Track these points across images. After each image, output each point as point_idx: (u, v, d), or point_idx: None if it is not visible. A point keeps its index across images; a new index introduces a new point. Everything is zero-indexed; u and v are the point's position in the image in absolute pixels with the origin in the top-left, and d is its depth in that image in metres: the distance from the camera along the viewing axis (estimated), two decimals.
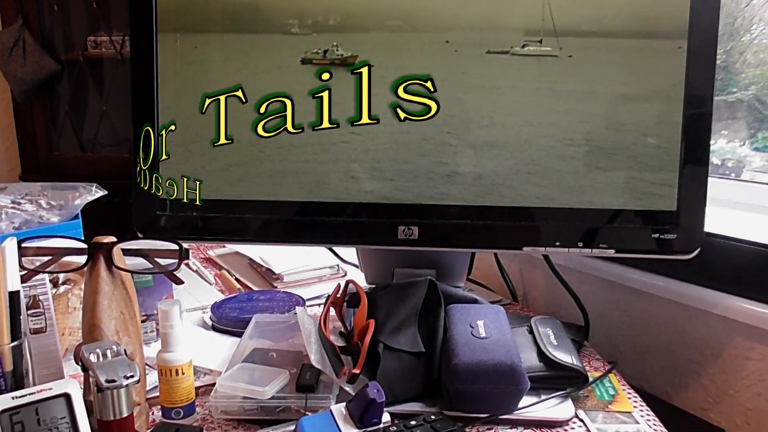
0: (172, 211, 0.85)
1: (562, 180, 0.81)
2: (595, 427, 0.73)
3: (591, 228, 0.80)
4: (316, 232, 0.84)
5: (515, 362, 0.72)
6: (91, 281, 0.69)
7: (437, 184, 0.82)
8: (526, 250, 0.80)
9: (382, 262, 0.96)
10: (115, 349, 0.61)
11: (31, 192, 1.23)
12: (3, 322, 0.64)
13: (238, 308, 1.03)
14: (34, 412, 0.63)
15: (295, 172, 0.84)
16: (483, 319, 0.81)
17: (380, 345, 0.76)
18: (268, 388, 0.73)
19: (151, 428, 0.69)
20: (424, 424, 0.70)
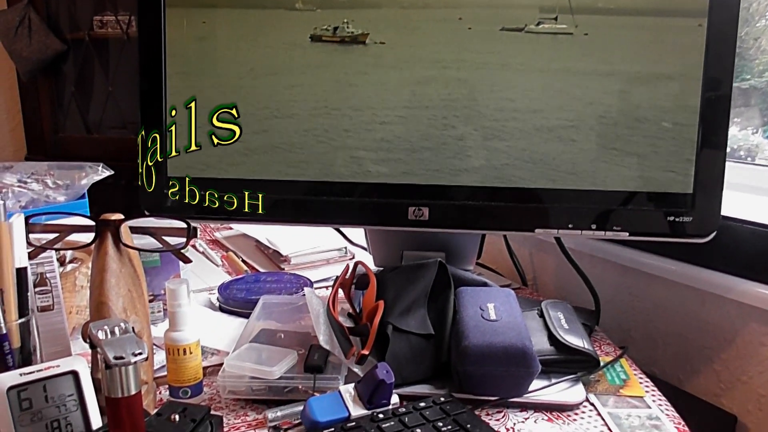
0: (180, 190, 0.84)
1: (575, 161, 0.79)
2: (607, 411, 0.73)
3: (604, 210, 0.78)
4: (325, 212, 0.83)
5: (526, 345, 0.71)
6: (98, 259, 0.68)
7: (448, 165, 0.81)
8: (538, 232, 0.79)
9: (391, 244, 0.95)
10: (123, 326, 0.60)
11: (37, 171, 1.22)
12: (11, 298, 0.63)
13: (246, 289, 1.02)
14: (41, 389, 0.63)
15: (305, 151, 0.83)
16: (493, 302, 0.80)
17: (389, 327, 0.75)
18: (276, 369, 0.73)
19: (158, 407, 0.68)
20: (433, 406, 0.69)
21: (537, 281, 1.19)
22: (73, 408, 0.64)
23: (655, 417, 0.72)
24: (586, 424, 0.71)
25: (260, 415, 0.72)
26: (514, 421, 0.71)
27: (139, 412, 0.61)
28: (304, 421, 0.67)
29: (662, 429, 0.69)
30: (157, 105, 0.84)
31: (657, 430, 0.69)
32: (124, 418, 0.60)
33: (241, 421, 0.72)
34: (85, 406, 0.65)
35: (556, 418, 0.72)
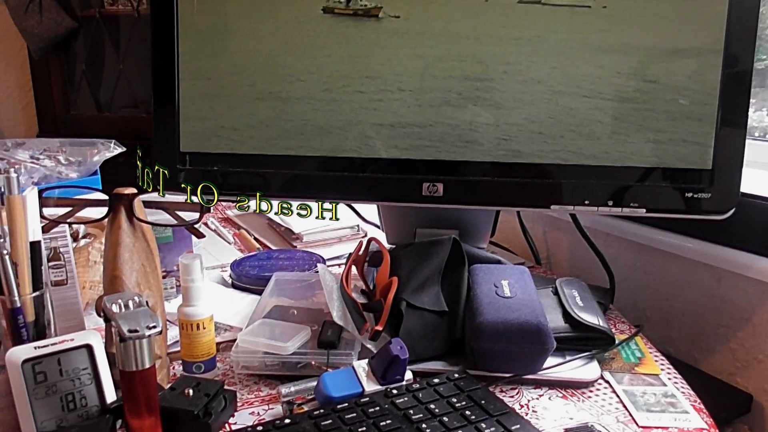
0: (193, 165, 0.84)
1: (592, 136, 0.78)
2: (622, 388, 0.72)
3: (621, 186, 0.77)
4: (338, 188, 0.83)
5: (541, 321, 0.71)
6: (112, 233, 0.68)
7: (462, 140, 0.80)
8: (554, 208, 0.78)
9: (404, 221, 0.95)
10: (138, 300, 0.60)
11: (49, 148, 1.22)
12: (25, 272, 0.63)
13: (258, 266, 1.02)
14: (56, 362, 0.63)
15: (318, 126, 0.82)
16: (507, 279, 0.80)
17: (403, 303, 0.75)
18: (290, 344, 0.72)
19: (172, 382, 0.68)
20: (447, 382, 0.69)
21: (551, 260, 1.18)
22: (87, 382, 0.64)
23: (671, 395, 0.71)
24: (601, 401, 0.70)
25: (273, 391, 0.72)
26: (529, 398, 0.71)
27: (153, 386, 0.61)
28: (318, 396, 0.67)
29: (678, 407, 0.69)
30: (169, 80, 0.83)
31: (673, 408, 0.68)
32: (138, 391, 0.61)
33: (255, 396, 0.72)
34: (99, 380, 0.65)
35: (570, 395, 0.71)
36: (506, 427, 0.61)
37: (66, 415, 0.63)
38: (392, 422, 0.61)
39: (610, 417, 0.67)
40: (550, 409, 0.69)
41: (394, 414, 0.63)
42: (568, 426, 0.65)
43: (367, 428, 0.60)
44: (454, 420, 0.62)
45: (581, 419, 0.67)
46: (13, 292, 0.63)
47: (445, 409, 0.64)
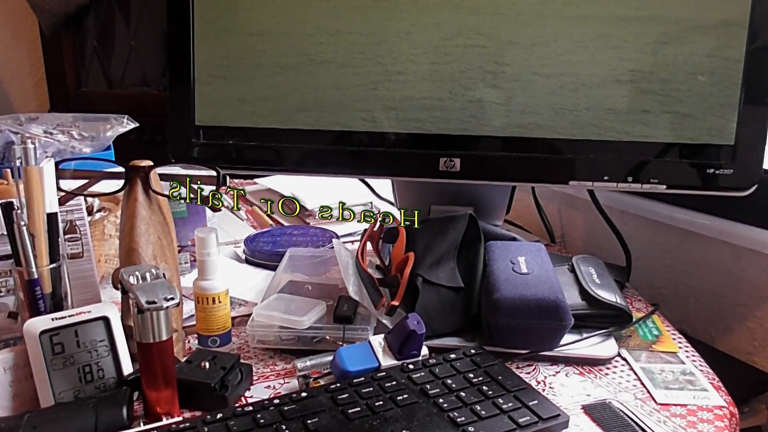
0: (207, 139, 0.83)
1: (611, 111, 0.77)
2: (639, 366, 0.72)
3: (641, 162, 0.76)
4: (354, 162, 0.82)
5: (559, 298, 0.70)
6: (128, 205, 0.67)
7: (479, 115, 0.79)
8: (572, 184, 0.77)
9: (419, 198, 0.94)
10: (155, 272, 0.60)
11: (62, 123, 1.22)
12: (42, 243, 0.63)
13: (272, 242, 1.02)
14: (73, 334, 0.63)
15: (334, 100, 0.81)
16: (524, 255, 0.79)
17: (419, 278, 0.75)
18: (306, 318, 0.72)
19: (187, 355, 0.68)
20: (464, 357, 0.68)
21: (565, 238, 1.17)
22: (104, 353, 0.65)
23: (689, 372, 0.70)
24: (619, 378, 0.70)
25: (289, 365, 0.72)
26: (545, 375, 0.70)
27: (170, 358, 0.61)
28: (334, 370, 0.67)
29: (696, 384, 0.68)
30: (184, 52, 0.82)
31: (691, 386, 0.68)
32: (155, 363, 0.61)
33: (270, 370, 0.72)
34: (116, 352, 0.65)
35: (587, 372, 0.71)
36: (524, 403, 0.61)
37: (83, 386, 0.63)
38: (409, 397, 0.61)
39: (627, 394, 0.67)
40: (567, 385, 0.68)
41: (410, 389, 0.63)
42: (586, 403, 0.65)
43: (383, 402, 0.60)
44: (471, 395, 0.62)
45: (599, 396, 0.66)
46: (31, 264, 0.63)
47: (462, 384, 0.64)
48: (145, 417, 0.62)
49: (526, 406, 0.60)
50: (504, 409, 0.60)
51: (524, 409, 0.60)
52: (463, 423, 0.58)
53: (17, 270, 0.63)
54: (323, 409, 0.59)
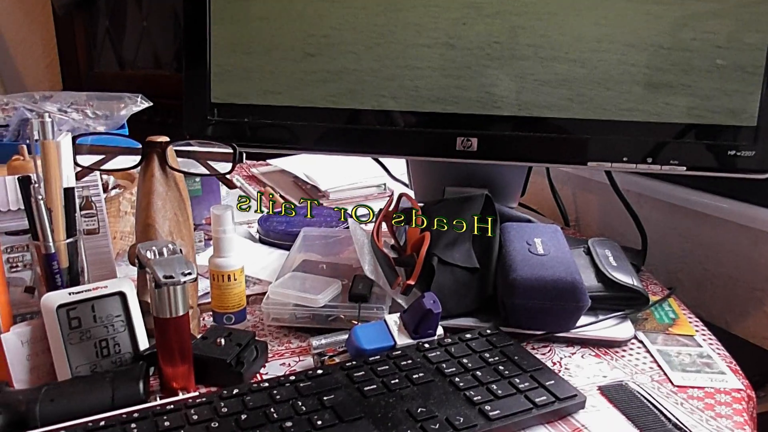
0: (222, 116, 0.83)
1: (632, 91, 0.76)
2: (656, 348, 0.71)
3: (661, 143, 0.75)
4: (370, 141, 0.81)
5: (576, 279, 0.70)
6: (145, 181, 0.67)
7: (499, 94, 0.78)
8: (591, 165, 0.76)
9: (434, 179, 0.93)
10: (171, 247, 0.60)
11: (77, 101, 1.22)
12: (59, 218, 0.63)
13: (286, 222, 1.01)
14: (90, 308, 0.63)
15: (352, 79, 0.80)
16: (540, 237, 0.78)
17: (434, 258, 0.74)
18: (321, 297, 0.72)
19: (202, 333, 0.68)
20: (479, 337, 0.68)
21: (580, 222, 1.16)
22: (120, 329, 0.65)
23: (706, 355, 0.70)
24: (635, 360, 0.69)
25: (304, 343, 0.72)
26: (561, 356, 0.70)
27: (186, 333, 0.61)
28: (350, 348, 0.67)
29: (714, 367, 0.68)
30: (201, 29, 0.82)
31: (709, 369, 0.67)
32: (171, 338, 0.61)
33: (285, 348, 0.72)
34: (132, 328, 0.65)
35: (603, 353, 0.70)
36: (540, 383, 0.61)
37: (100, 360, 0.64)
38: (425, 375, 0.61)
39: (644, 376, 0.66)
40: (583, 367, 0.68)
41: (426, 367, 0.63)
42: (602, 384, 0.65)
43: (399, 381, 0.60)
44: (488, 375, 0.62)
45: (615, 378, 0.66)
46: (48, 238, 0.63)
47: (478, 363, 0.63)
48: (161, 392, 0.62)
49: (543, 386, 0.60)
50: (520, 389, 0.60)
51: (541, 389, 0.60)
52: (479, 402, 0.58)
53: (34, 244, 0.64)
54: (339, 386, 0.59)
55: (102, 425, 0.53)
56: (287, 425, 0.54)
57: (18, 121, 1.07)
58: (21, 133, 1.07)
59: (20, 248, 0.71)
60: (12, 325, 0.64)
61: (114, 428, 0.53)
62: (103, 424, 0.53)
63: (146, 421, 0.54)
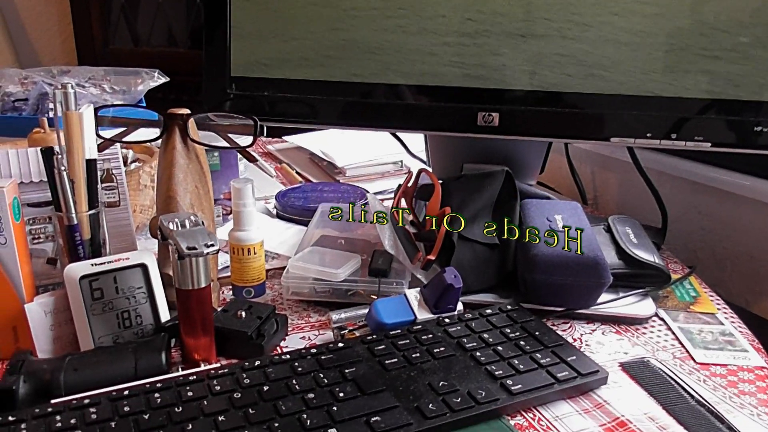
0: (242, 90, 0.82)
1: (654, 66, 0.74)
2: (677, 326, 0.71)
3: (685, 119, 0.74)
4: (390, 116, 0.80)
5: (598, 255, 0.69)
6: (166, 154, 0.67)
7: (521, 69, 0.77)
8: (614, 141, 0.75)
9: (452, 155, 0.93)
10: (194, 219, 0.60)
11: (94, 76, 1.22)
12: (81, 189, 0.63)
13: (303, 198, 1.01)
14: (112, 280, 0.63)
15: (372, 51, 0.79)
16: (561, 213, 0.78)
17: (454, 234, 0.74)
18: (341, 271, 0.72)
19: (222, 306, 0.69)
20: (500, 313, 0.68)
21: (598, 200, 1.15)
22: (142, 300, 0.65)
23: (729, 333, 0.69)
24: (656, 337, 0.69)
25: (323, 317, 0.72)
26: (581, 332, 0.70)
27: (208, 305, 0.62)
28: (370, 322, 0.67)
29: (737, 345, 0.67)
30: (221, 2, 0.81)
31: (731, 347, 0.67)
32: (194, 310, 0.61)
33: (305, 322, 0.72)
34: (154, 299, 0.65)
35: (624, 330, 0.70)
36: (562, 358, 0.60)
37: (122, 332, 0.64)
38: (446, 350, 0.61)
39: (666, 353, 0.66)
40: (604, 343, 0.68)
41: (447, 342, 0.63)
42: (623, 360, 0.64)
43: (420, 354, 0.60)
44: (509, 350, 0.62)
45: (636, 354, 0.66)
46: (71, 209, 0.63)
47: (499, 339, 0.63)
48: (182, 363, 0.63)
49: (565, 362, 0.60)
50: (542, 364, 0.59)
51: (562, 364, 0.60)
52: (501, 376, 0.58)
53: (57, 215, 0.64)
54: (360, 359, 0.59)
55: (126, 394, 0.54)
56: (309, 397, 0.54)
57: (37, 95, 1.07)
58: (40, 107, 1.07)
59: (42, 220, 0.71)
60: (35, 295, 0.64)
61: (138, 398, 0.53)
62: (127, 394, 0.54)
63: (169, 391, 0.54)
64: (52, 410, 0.51)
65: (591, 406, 0.57)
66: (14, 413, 0.51)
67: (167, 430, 0.50)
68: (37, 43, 2.45)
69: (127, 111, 0.71)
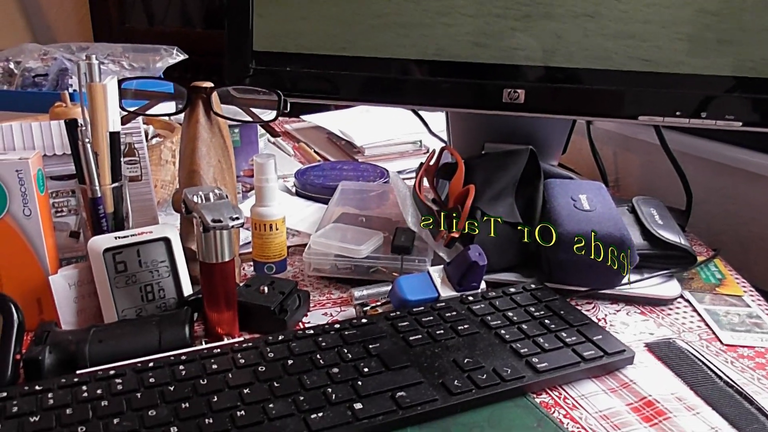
0: (264, 65, 0.81)
1: (684, 41, 0.73)
2: (703, 307, 0.70)
3: (716, 96, 0.72)
4: (414, 92, 0.79)
5: (625, 235, 0.68)
6: (189, 127, 0.67)
7: (548, 45, 0.76)
8: (641, 119, 0.74)
9: (473, 134, 0.92)
10: (218, 192, 0.59)
11: (113, 53, 1.21)
12: (105, 161, 0.63)
13: (323, 176, 1.01)
14: (135, 253, 0.63)
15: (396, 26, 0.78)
16: (585, 193, 0.77)
17: (478, 212, 0.73)
18: (363, 247, 0.72)
19: (244, 282, 0.68)
20: (524, 292, 0.67)
21: (619, 182, 1.14)
22: (165, 274, 0.65)
23: (756, 315, 0.68)
24: (682, 319, 0.68)
25: (345, 294, 0.72)
26: (605, 313, 0.69)
27: (231, 279, 0.62)
28: (393, 299, 0.66)
29: (764, 327, 0.66)
30: None
31: (758, 329, 0.66)
32: (217, 284, 0.61)
33: (326, 299, 0.72)
34: (177, 273, 0.65)
35: (649, 311, 0.69)
36: (588, 337, 0.60)
37: (145, 305, 0.64)
38: (470, 327, 0.61)
39: (692, 334, 0.65)
40: (629, 324, 0.67)
41: (471, 319, 0.62)
42: (649, 341, 0.64)
43: (444, 331, 0.60)
44: (534, 328, 0.61)
45: (662, 335, 0.65)
46: (94, 182, 0.63)
47: (524, 317, 0.63)
48: (205, 337, 0.63)
49: (590, 341, 0.59)
50: (567, 343, 0.59)
51: (588, 343, 0.59)
52: (526, 354, 0.57)
53: (81, 188, 0.64)
54: (384, 335, 0.59)
55: (151, 366, 0.54)
56: (334, 371, 0.54)
57: (57, 71, 1.07)
58: (60, 82, 1.06)
59: (65, 193, 0.71)
60: (59, 268, 0.64)
61: (162, 369, 0.53)
62: (152, 366, 0.54)
63: (194, 363, 0.54)
64: (78, 380, 0.51)
65: (617, 386, 0.56)
66: (41, 383, 0.51)
67: (192, 401, 0.50)
68: (54, 22, 2.45)
69: (150, 83, 0.70)
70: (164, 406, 0.49)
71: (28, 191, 0.60)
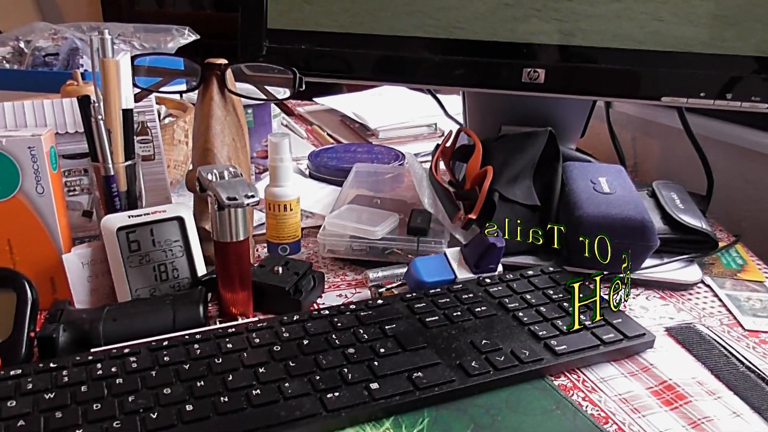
0: (278, 43, 0.80)
1: (708, 20, 0.71)
2: (724, 293, 0.68)
3: (741, 77, 0.70)
4: (431, 71, 0.78)
5: (645, 218, 0.67)
6: (203, 104, 0.66)
7: (568, 25, 0.74)
8: (665, 100, 0.72)
9: (490, 116, 0.90)
10: (233, 170, 0.58)
11: (124, 33, 1.20)
12: (118, 139, 0.62)
13: (336, 158, 1.00)
14: (149, 232, 0.63)
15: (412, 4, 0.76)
16: (605, 176, 0.75)
17: (495, 194, 0.72)
18: (379, 229, 0.71)
19: (258, 262, 0.68)
20: (542, 275, 0.66)
21: (638, 167, 1.12)
22: (179, 254, 0.64)
23: None
24: (702, 303, 0.67)
25: (359, 276, 0.71)
26: None
27: (246, 259, 0.61)
28: (409, 280, 0.65)
29: None
30: None
31: None
32: (231, 263, 0.60)
33: (341, 280, 0.71)
34: (190, 253, 0.64)
35: (669, 296, 0.68)
36: (607, 321, 0.59)
37: (159, 284, 0.63)
38: (487, 309, 0.60)
39: (713, 319, 0.64)
40: (649, 308, 0.66)
41: (488, 301, 0.61)
42: (669, 325, 0.62)
43: (461, 313, 0.59)
44: (552, 311, 0.60)
45: (682, 320, 0.64)
46: (108, 159, 0.62)
47: (542, 300, 0.62)
48: (219, 317, 0.62)
49: (610, 324, 0.58)
50: (587, 326, 0.58)
51: (608, 326, 0.58)
52: (544, 336, 0.56)
53: (94, 166, 0.63)
54: (400, 316, 0.58)
55: (165, 344, 0.53)
56: (350, 351, 0.53)
57: (68, 50, 1.06)
58: (70, 62, 1.06)
59: (77, 172, 0.70)
60: (72, 247, 0.64)
61: (177, 348, 0.53)
62: (166, 344, 0.53)
63: (209, 342, 0.53)
64: (92, 358, 0.51)
65: (637, 369, 0.55)
66: (55, 360, 0.51)
67: (207, 380, 0.49)
68: (64, 4, 2.44)
69: (164, 60, 0.69)
70: (179, 384, 0.49)
71: (41, 168, 0.59)
